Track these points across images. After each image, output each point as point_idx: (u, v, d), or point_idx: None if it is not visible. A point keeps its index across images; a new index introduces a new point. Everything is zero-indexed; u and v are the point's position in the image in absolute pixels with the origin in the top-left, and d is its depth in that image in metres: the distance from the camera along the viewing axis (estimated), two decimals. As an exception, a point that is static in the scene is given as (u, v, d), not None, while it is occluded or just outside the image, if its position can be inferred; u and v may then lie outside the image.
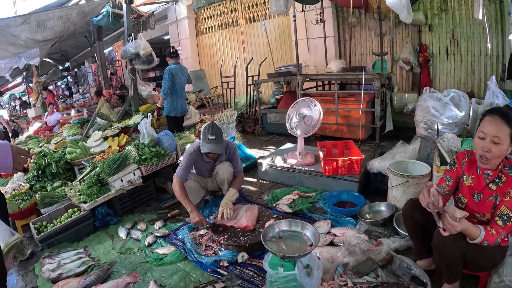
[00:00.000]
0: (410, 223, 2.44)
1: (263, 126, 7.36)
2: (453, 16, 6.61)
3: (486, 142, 2.03)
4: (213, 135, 3.47)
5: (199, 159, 3.78)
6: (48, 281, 2.99)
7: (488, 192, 2.12)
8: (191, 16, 11.71)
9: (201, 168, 3.93)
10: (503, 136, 1.98)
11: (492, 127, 2.01)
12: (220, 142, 3.53)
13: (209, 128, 3.51)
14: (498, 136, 1.99)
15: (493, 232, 1.97)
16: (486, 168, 2.14)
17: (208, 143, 3.49)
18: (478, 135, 2.09)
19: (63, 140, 6.81)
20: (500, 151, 2.01)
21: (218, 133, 3.51)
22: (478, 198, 2.17)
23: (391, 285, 2.31)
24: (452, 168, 2.34)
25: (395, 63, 7.59)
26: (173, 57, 5.66)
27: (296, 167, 4.38)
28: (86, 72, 19.73)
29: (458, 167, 2.32)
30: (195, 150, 3.71)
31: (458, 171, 2.32)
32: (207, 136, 3.48)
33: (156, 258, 3.10)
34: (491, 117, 2.04)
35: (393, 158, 3.74)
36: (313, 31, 8.21)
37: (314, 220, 3.38)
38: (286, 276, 2.28)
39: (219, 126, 3.59)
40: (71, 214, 3.81)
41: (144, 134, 4.69)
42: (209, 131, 3.49)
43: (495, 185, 2.10)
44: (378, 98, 5.49)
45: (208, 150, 3.51)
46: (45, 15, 5.91)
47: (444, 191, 2.31)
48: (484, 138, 2.04)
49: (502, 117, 2.00)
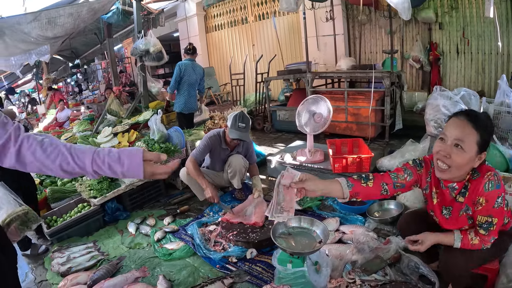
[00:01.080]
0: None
1: (273, 124, 7.36)
2: (463, 14, 6.54)
3: (447, 145, 1.80)
4: (243, 123, 3.59)
5: (217, 145, 3.86)
6: (57, 275, 3.02)
7: (457, 205, 1.95)
8: (201, 14, 11.72)
9: (216, 157, 3.98)
10: (468, 141, 1.74)
11: (456, 129, 1.78)
12: (247, 131, 3.67)
13: (240, 116, 3.60)
14: (462, 140, 1.75)
15: (476, 241, 1.87)
16: (449, 181, 1.93)
17: (237, 130, 3.58)
18: (440, 136, 1.86)
19: (73, 136, 6.88)
20: (462, 159, 1.76)
21: (247, 122, 3.65)
22: (448, 213, 2.01)
23: (399, 284, 2.30)
24: (416, 168, 2.08)
25: (405, 61, 7.53)
26: (188, 54, 5.68)
27: (305, 164, 4.38)
28: (96, 69, 19.83)
29: (423, 174, 2.08)
30: (215, 135, 3.83)
31: (420, 178, 2.09)
32: (238, 124, 3.58)
33: (165, 253, 3.12)
34: (457, 119, 1.81)
35: (402, 156, 3.72)
36: (323, 28, 8.18)
37: (323, 218, 3.38)
38: (294, 273, 2.29)
39: (248, 116, 3.71)
40: (81, 209, 3.85)
41: (154, 130, 4.71)
42: (239, 119, 3.59)
43: (462, 196, 1.92)
44: (388, 96, 5.46)
45: (237, 136, 3.59)
46: (56, 12, 5.96)
47: (397, 181, 2.03)
48: (445, 140, 1.81)
49: (470, 120, 1.76)
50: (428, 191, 2.09)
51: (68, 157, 1.25)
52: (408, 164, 2.10)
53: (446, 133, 1.81)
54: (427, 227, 2.13)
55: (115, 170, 1.30)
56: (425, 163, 2.07)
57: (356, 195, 1.98)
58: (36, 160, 1.23)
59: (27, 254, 3.47)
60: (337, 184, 1.96)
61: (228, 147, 3.90)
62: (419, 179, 2.08)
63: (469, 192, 1.87)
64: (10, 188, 3.04)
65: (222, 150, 3.92)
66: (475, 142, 1.74)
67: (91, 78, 21.22)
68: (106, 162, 1.28)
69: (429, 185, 2.08)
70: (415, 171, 2.06)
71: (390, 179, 2.02)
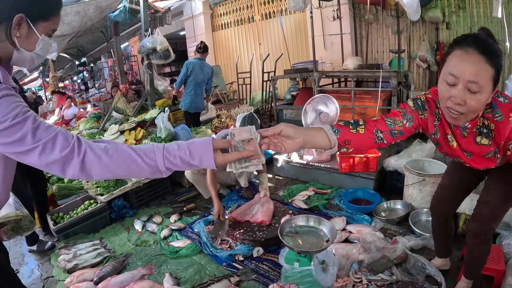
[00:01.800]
0: (434, 220, 2.36)
1: (279, 122, 7.31)
2: (471, 13, 6.49)
3: (459, 89, 1.43)
4: (252, 126, 3.50)
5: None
6: (63, 271, 3.04)
7: (482, 148, 1.64)
8: (207, 12, 11.71)
9: None
10: (483, 80, 1.38)
11: (468, 67, 1.39)
12: None
13: (249, 118, 3.61)
14: (477, 82, 1.38)
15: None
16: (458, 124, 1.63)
17: None
18: (446, 79, 1.47)
19: (80, 133, 6.91)
20: (478, 103, 1.44)
21: (256, 123, 3.63)
22: (469, 155, 1.73)
23: (406, 284, 2.30)
24: (418, 112, 1.69)
25: (412, 61, 7.49)
26: (199, 52, 5.69)
27: (312, 163, 4.38)
28: (102, 67, 19.87)
29: (428, 117, 1.71)
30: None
31: (425, 122, 1.72)
32: (246, 125, 3.52)
33: (171, 251, 3.13)
34: (465, 52, 1.40)
35: (409, 156, 3.71)
36: (330, 27, 8.15)
37: (330, 217, 3.37)
38: (301, 271, 2.29)
39: (257, 117, 3.70)
40: (87, 206, 3.87)
41: (161, 128, 4.73)
42: (248, 121, 3.59)
43: (487, 139, 1.60)
44: (394, 96, 5.43)
45: None
46: (63, 11, 5.92)
47: (394, 128, 1.63)
48: (455, 84, 1.43)
49: (481, 52, 1.37)
50: (439, 135, 1.76)
51: (137, 159, 1.24)
52: (407, 106, 1.71)
53: (455, 73, 1.42)
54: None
55: (188, 164, 1.29)
56: (429, 104, 1.71)
57: (346, 143, 1.54)
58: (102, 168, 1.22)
59: (33, 249, 3.50)
60: (321, 131, 1.52)
61: None
62: (422, 123, 1.71)
63: (495, 134, 1.56)
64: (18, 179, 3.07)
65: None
66: (491, 79, 1.40)
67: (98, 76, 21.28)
68: (178, 156, 1.27)
69: (439, 128, 1.74)
70: (416, 116, 1.68)
71: (385, 126, 1.62)
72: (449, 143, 1.74)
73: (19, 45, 1.22)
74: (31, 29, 1.22)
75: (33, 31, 1.23)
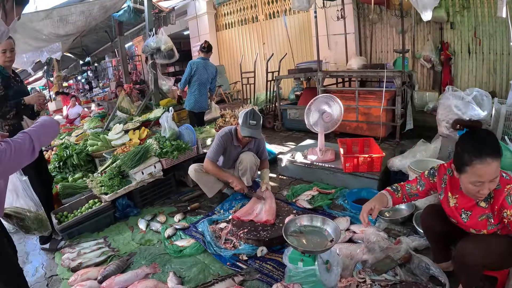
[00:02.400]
0: (430, 233, 2.44)
1: (283, 122, 7.37)
2: (475, 13, 6.47)
3: (486, 187, 1.83)
4: (254, 121, 3.60)
5: (229, 143, 3.87)
6: (68, 270, 3.05)
7: (478, 210, 2.00)
8: (211, 12, 11.74)
9: (228, 154, 3.98)
10: (497, 171, 1.82)
11: (489, 171, 1.79)
12: (259, 128, 3.67)
13: (251, 114, 3.61)
14: (497, 175, 1.83)
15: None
16: None
17: (249, 128, 3.59)
18: (473, 184, 1.85)
19: (84, 132, 6.93)
20: (495, 183, 1.85)
21: (258, 119, 3.65)
22: (466, 217, 2.05)
23: (409, 284, 2.29)
24: (429, 178, 2.25)
25: (416, 61, 7.48)
26: (203, 52, 5.70)
27: (316, 163, 4.37)
28: (106, 67, 19.97)
29: (437, 182, 2.21)
30: (226, 133, 3.84)
31: (434, 186, 2.24)
32: (248, 121, 3.59)
33: (175, 250, 3.13)
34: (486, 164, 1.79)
35: (414, 156, 3.70)
36: (334, 27, 8.14)
37: (334, 217, 3.37)
38: (305, 271, 2.29)
39: (259, 114, 3.71)
40: (91, 205, 3.88)
41: (166, 127, 4.73)
42: (250, 117, 3.59)
43: (485, 203, 1.97)
44: (399, 96, 5.43)
45: (249, 134, 3.59)
46: (67, 10, 6.00)
47: (411, 192, 2.33)
48: (482, 184, 1.83)
49: (491, 156, 1.78)
50: (443, 196, 2.18)
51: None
52: (422, 174, 2.31)
53: (482, 180, 1.81)
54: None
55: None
56: (439, 172, 2.20)
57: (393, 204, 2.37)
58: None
59: (46, 248, 3.50)
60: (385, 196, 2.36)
61: (239, 144, 3.90)
62: (432, 186, 2.25)
63: (493, 200, 1.92)
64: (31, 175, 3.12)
65: (234, 147, 3.92)
66: (499, 165, 1.82)
67: (102, 76, 21.37)
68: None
69: (444, 190, 2.17)
70: (427, 181, 2.26)
71: (405, 190, 2.35)
72: (449, 204, 2.13)
73: None
74: None
75: None
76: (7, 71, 3.20)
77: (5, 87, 3.11)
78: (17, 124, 3.19)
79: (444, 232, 2.32)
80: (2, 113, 3.12)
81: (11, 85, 3.17)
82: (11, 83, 3.19)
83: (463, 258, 1.98)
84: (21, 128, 3.20)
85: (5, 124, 3.19)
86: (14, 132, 3.14)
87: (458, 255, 2.04)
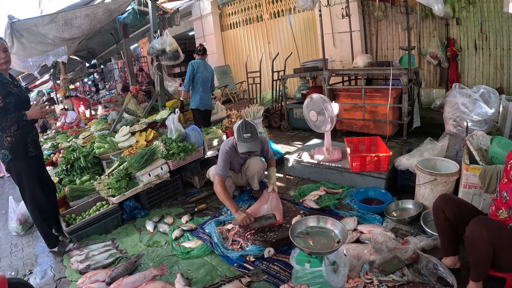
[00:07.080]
0: (441, 218, 2.38)
1: (289, 121, 7.37)
2: (481, 9, 6.40)
3: None
4: (248, 133, 3.44)
5: (234, 156, 3.80)
6: (76, 272, 3.08)
7: None
8: (216, 12, 11.74)
9: (234, 163, 3.95)
10: None
11: None
12: (255, 139, 3.49)
13: (243, 127, 3.47)
14: None
15: None
16: None
17: (244, 142, 3.46)
18: None
19: (91, 135, 6.97)
20: None
21: (252, 130, 3.48)
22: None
23: (417, 285, 2.29)
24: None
25: (422, 58, 7.43)
26: (199, 54, 5.75)
27: (323, 163, 4.36)
28: (112, 69, 20.05)
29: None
30: (230, 148, 3.69)
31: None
32: (242, 136, 3.45)
33: (183, 251, 3.15)
34: None
35: (421, 155, 3.67)
36: (339, 25, 8.11)
37: (341, 217, 3.37)
38: (312, 272, 2.29)
39: (252, 123, 3.55)
40: (99, 207, 3.91)
41: (172, 129, 4.74)
42: (243, 130, 3.45)
43: None
44: (405, 94, 5.39)
45: (246, 149, 3.48)
46: (72, 14, 6.04)
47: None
48: None
49: None
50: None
51: None
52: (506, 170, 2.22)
53: None
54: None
55: None
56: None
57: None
58: None
59: (54, 251, 3.52)
60: None
61: (245, 154, 3.84)
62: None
63: None
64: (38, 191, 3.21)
65: (239, 158, 3.91)
66: None
67: (108, 78, 21.47)
68: None
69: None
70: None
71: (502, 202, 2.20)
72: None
73: None
74: None
75: None
76: (5, 77, 3.08)
77: (5, 96, 2.98)
78: (19, 136, 3.14)
79: (454, 219, 2.29)
80: (2, 127, 3.03)
81: (11, 91, 3.03)
82: (10, 89, 3.04)
83: (473, 232, 2.02)
84: (24, 139, 3.19)
85: (6, 135, 3.09)
86: (17, 143, 3.14)
87: (469, 229, 2.05)
